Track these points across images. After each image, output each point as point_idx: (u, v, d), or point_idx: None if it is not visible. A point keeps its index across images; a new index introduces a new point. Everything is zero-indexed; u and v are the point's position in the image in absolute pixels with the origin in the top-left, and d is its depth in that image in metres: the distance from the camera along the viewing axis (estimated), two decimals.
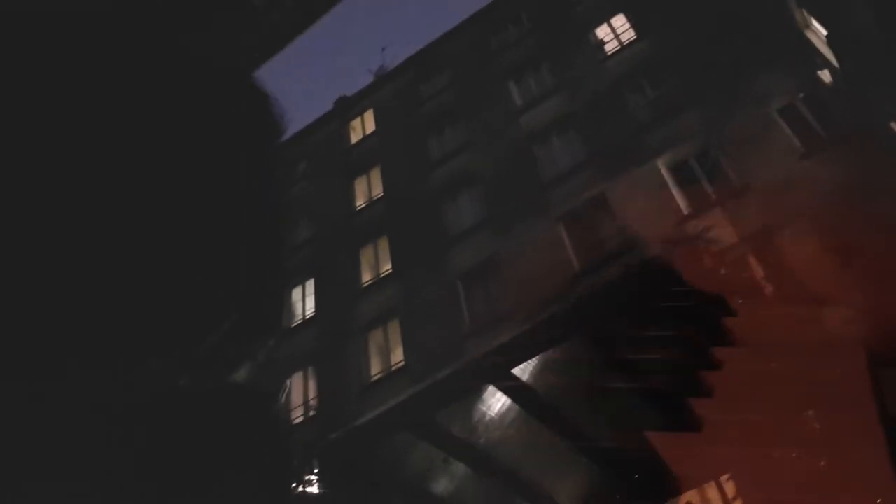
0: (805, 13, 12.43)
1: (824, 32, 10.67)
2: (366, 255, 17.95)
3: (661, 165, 13.74)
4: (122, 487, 0.50)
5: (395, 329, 15.77)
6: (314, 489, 9.48)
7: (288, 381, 16.70)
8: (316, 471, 8.71)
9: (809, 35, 12.49)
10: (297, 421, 15.81)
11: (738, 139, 12.66)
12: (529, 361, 5.35)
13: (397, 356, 15.25)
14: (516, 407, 5.20)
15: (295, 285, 18.82)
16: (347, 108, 22.30)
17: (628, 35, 16.64)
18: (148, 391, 0.52)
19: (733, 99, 13.03)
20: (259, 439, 0.67)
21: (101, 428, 0.49)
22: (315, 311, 17.76)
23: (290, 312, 18.44)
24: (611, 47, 16.84)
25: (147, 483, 0.52)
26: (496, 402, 5.61)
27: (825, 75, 11.89)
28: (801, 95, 12.58)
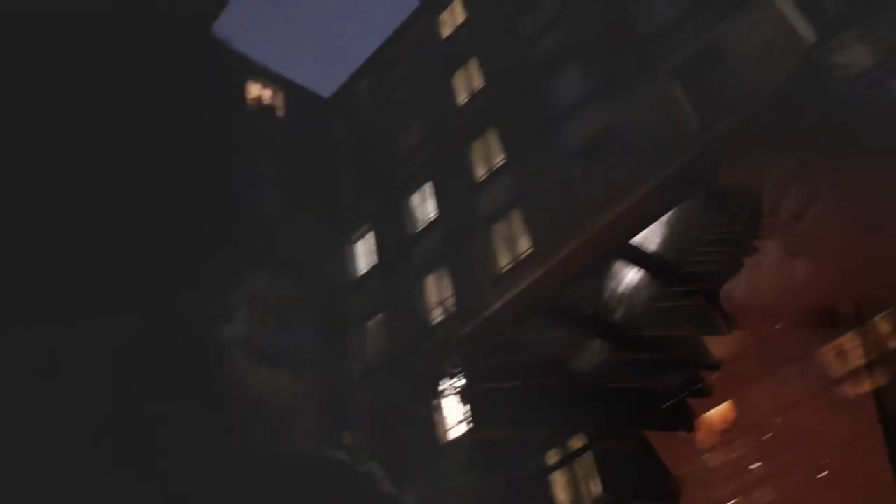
0: None
1: None
2: (478, 149, 17.88)
3: None
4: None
5: (517, 218, 15.80)
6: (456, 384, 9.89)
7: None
8: (457, 367, 9.08)
9: None
10: (436, 320, 16.46)
11: None
12: (651, 227, 5.17)
13: (524, 244, 15.34)
14: (645, 275, 5.10)
15: (414, 190, 19.17)
16: (434, 1, 21.74)
17: None
18: (101, 347, 0.55)
19: None
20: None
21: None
22: (437, 213, 18.07)
23: (413, 217, 18.89)
24: None
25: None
26: (625, 274, 5.51)
27: None
28: None
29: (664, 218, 4.98)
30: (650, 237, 5.75)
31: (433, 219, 18.21)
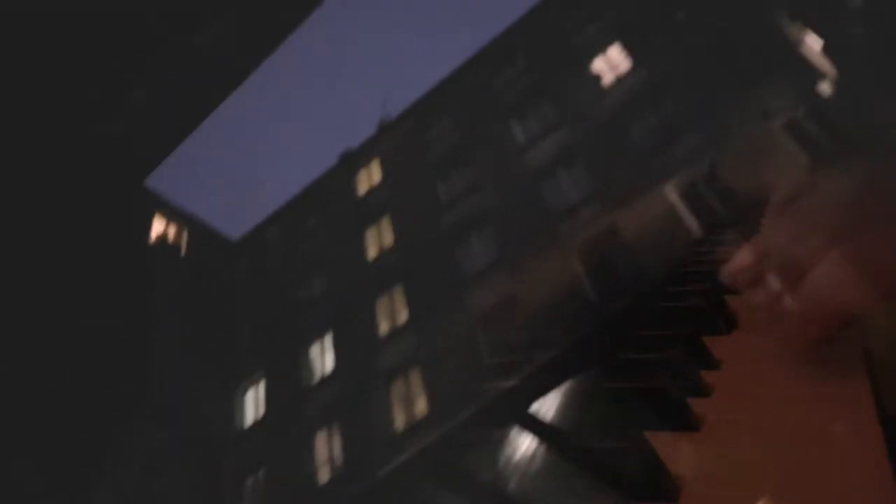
0: (799, 28, 12.49)
1: (819, 45, 10.69)
2: (382, 306, 17.93)
3: (670, 190, 13.69)
4: None
5: (416, 377, 15.64)
6: None
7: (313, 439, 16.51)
8: None
9: (805, 49, 12.52)
10: (325, 478, 15.61)
11: (745, 156, 12.60)
12: (550, 395, 5.21)
13: (421, 405, 15.07)
14: (542, 446, 5.05)
15: (313, 341, 18.81)
16: (353, 160, 22.56)
17: (626, 63, 16.77)
18: None
19: (736, 117, 13.02)
20: None
21: None
22: (335, 366, 17.69)
23: (310, 369, 18.36)
24: (610, 77, 16.97)
25: None
26: (522, 442, 5.46)
27: (824, 87, 11.87)
28: (803, 109, 12.55)
29: (562, 388, 5.04)
30: (547, 406, 5.77)
31: (330, 372, 17.77)
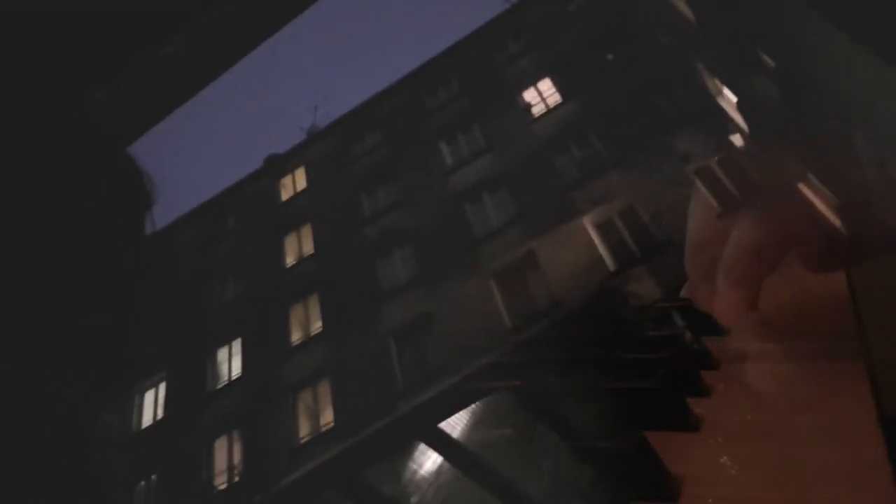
0: (717, 81, 13.23)
1: (734, 99, 11.38)
2: (296, 314, 17.68)
3: (588, 224, 14.16)
4: None
5: (325, 389, 15.47)
6: None
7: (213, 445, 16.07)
8: None
9: (721, 101, 13.26)
10: (222, 487, 15.19)
11: (660, 198, 13.19)
12: (459, 416, 5.32)
13: (327, 417, 14.91)
14: (447, 464, 5.14)
15: (221, 345, 18.33)
16: (278, 165, 22.25)
17: (555, 98, 17.28)
18: None
19: (654, 160, 13.63)
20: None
21: None
22: (241, 372, 17.28)
23: (215, 373, 17.88)
24: (538, 109, 17.43)
25: None
26: (427, 459, 5.53)
27: (737, 139, 12.60)
28: (716, 157, 13.25)
29: (471, 408, 5.16)
30: (455, 425, 5.85)
31: (236, 378, 17.35)
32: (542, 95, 17.63)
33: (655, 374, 0.63)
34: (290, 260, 19.22)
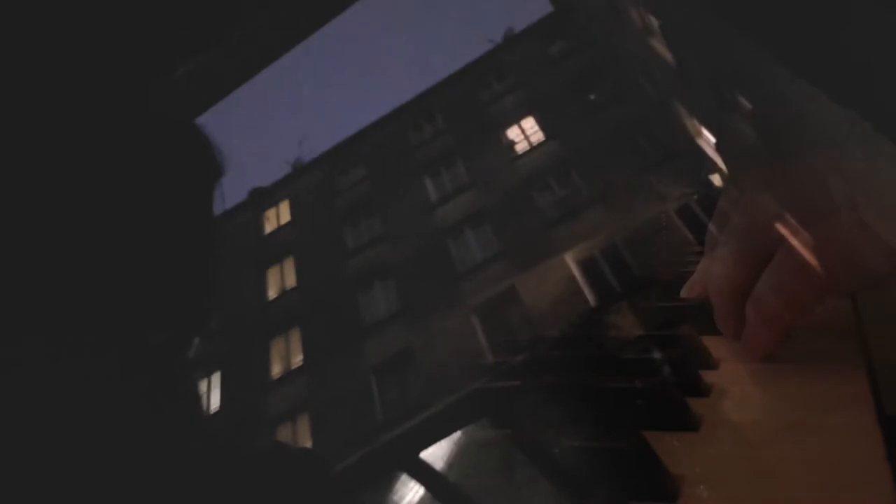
0: (696, 122, 13.50)
1: (713, 140, 11.61)
2: (277, 347, 17.51)
3: (569, 259, 14.27)
4: None
5: (304, 423, 15.28)
6: None
7: None
8: None
9: (701, 142, 13.53)
10: None
11: (640, 236, 13.35)
12: (440, 445, 5.30)
13: None
14: (428, 495, 5.10)
15: (200, 378, 18.06)
16: (262, 198, 22.20)
17: (538, 136, 17.51)
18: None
19: (634, 197, 13.82)
20: None
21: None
22: (220, 405, 17.01)
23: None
24: (521, 147, 17.64)
25: None
26: (408, 490, 5.49)
27: (715, 179, 12.82)
28: (696, 196, 13.47)
29: (452, 437, 5.14)
30: (434, 456, 5.83)
31: (215, 412, 17.07)
32: (525, 133, 17.86)
33: (654, 375, 0.67)
34: (272, 293, 19.10)
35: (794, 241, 0.58)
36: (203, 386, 17.63)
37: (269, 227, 21.17)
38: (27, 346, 0.48)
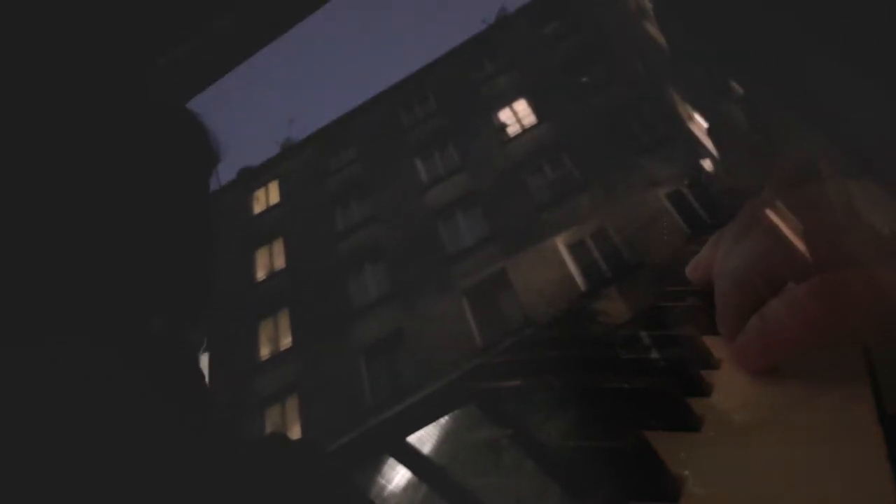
0: (689, 107, 13.50)
1: (705, 125, 11.63)
2: (266, 328, 17.51)
3: (560, 244, 14.27)
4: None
5: (293, 405, 15.32)
6: None
7: None
8: None
9: (693, 127, 13.53)
10: None
11: (631, 221, 13.36)
12: (428, 429, 5.30)
13: (295, 434, 14.74)
14: (416, 478, 5.11)
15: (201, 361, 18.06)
16: (251, 178, 22.10)
17: (530, 119, 17.45)
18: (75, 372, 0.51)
19: (626, 182, 13.81)
20: None
21: None
22: (210, 387, 17.05)
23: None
24: (513, 130, 17.59)
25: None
26: (396, 473, 5.50)
27: (707, 164, 12.83)
28: (686, 182, 13.48)
29: (440, 421, 5.14)
30: (424, 438, 5.84)
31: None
32: (518, 116, 17.80)
33: (654, 375, 0.64)
34: (260, 274, 19.06)
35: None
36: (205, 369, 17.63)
37: (258, 208, 21.09)
38: (28, 334, 0.48)
